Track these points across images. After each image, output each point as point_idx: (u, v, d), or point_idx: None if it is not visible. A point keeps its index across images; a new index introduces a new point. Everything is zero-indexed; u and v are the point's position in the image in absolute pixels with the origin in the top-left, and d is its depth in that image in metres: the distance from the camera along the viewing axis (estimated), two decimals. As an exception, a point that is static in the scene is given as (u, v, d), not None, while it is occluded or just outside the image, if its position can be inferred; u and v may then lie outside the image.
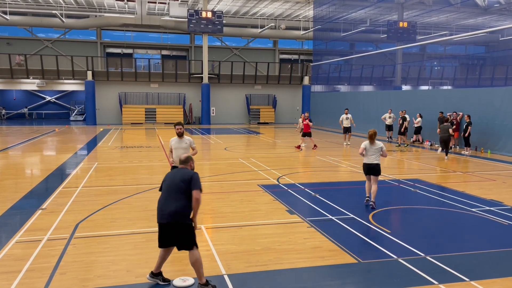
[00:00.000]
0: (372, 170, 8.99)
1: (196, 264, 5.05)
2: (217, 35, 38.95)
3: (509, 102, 17.02)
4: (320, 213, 8.50)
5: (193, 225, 5.15)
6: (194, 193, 5.05)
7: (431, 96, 22.21)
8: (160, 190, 5.36)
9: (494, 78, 34.61)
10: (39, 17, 35.06)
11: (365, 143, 9.06)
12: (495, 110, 17.53)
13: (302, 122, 19.16)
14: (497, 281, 5.43)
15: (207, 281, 5.12)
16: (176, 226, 5.03)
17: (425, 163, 15.09)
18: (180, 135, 8.23)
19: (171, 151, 8.28)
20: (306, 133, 18.84)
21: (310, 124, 18.87)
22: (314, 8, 35.07)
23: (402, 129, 19.90)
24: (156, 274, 5.27)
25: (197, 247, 5.13)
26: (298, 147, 19.11)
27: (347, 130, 20.71)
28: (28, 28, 37.28)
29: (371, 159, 8.96)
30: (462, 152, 17.95)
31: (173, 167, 7.91)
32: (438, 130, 16.54)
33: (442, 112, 19.00)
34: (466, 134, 17.46)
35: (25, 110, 41.75)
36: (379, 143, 8.98)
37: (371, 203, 8.85)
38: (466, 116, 17.91)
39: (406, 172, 13.72)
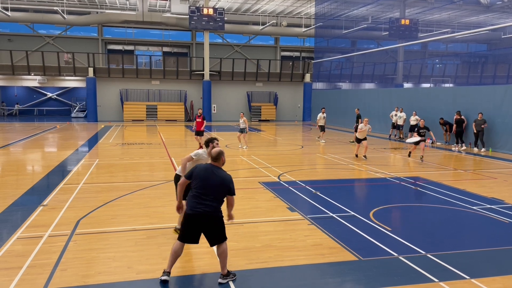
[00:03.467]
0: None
1: (224, 254, 5.27)
2: (218, 32, 38.91)
3: (510, 100, 16.99)
4: (321, 210, 8.51)
5: (227, 216, 5.40)
6: (232, 199, 5.37)
7: (433, 94, 22.17)
8: (188, 178, 5.36)
9: (495, 76, 34.53)
10: (41, 14, 35.03)
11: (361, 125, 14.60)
12: (497, 108, 17.50)
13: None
14: (497, 279, 5.43)
15: (228, 272, 5.33)
16: (210, 219, 5.15)
17: (426, 161, 15.06)
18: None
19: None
20: (198, 132, 17.10)
21: (204, 122, 17.17)
22: (315, 5, 34.99)
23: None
24: (168, 273, 5.27)
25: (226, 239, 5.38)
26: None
27: (322, 128, 21.02)
28: (29, 24, 37.28)
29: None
30: (452, 148, 18.54)
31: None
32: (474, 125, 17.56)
33: (459, 112, 18.68)
34: (455, 130, 18.42)
35: (17, 106, 41.72)
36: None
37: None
38: (456, 113, 18.43)
39: (407, 169, 13.71)
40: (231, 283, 5.21)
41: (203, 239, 5.28)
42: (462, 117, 18.47)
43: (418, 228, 7.69)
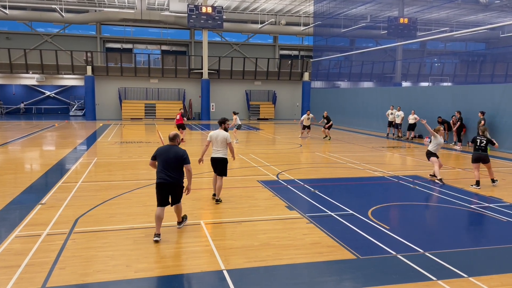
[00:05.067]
0: None
1: (178, 210, 7.06)
2: (217, 31, 38.87)
3: (508, 99, 17.02)
4: (319, 209, 8.52)
5: (185, 189, 6.91)
6: (188, 168, 6.77)
7: (431, 93, 22.21)
8: (153, 159, 6.84)
9: (494, 75, 34.58)
10: (39, 12, 34.95)
11: None
12: (495, 106, 17.54)
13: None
14: (495, 277, 5.45)
15: (182, 218, 7.23)
16: (172, 186, 6.70)
17: (424, 159, 15.08)
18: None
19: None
20: (179, 125, 19.57)
21: (184, 119, 19.88)
22: (314, 4, 34.98)
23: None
24: (158, 235, 6.60)
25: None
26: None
27: (307, 127, 22.24)
28: (27, 22, 37.19)
29: None
30: (454, 146, 18.60)
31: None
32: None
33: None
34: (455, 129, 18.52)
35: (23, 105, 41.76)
36: None
37: None
38: (456, 112, 18.31)
39: (405, 168, 13.73)
40: (229, 281, 5.22)
41: (203, 236, 5.27)
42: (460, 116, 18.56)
43: (416, 226, 7.71)
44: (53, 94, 42.91)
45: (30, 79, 35.60)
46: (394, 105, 22.84)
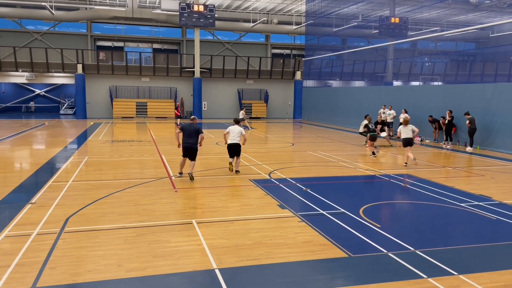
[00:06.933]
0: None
1: (192, 165, 11.05)
2: (209, 29, 38.75)
3: (498, 98, 17.20)
4: (311, 207, 8.54)
5: (199, 144, 11.12)
6: (202, 136, 11.08)
7: (422, 92, 22.36)
8: (181, 130, 11.03)
9: (484, 74, 34.93)
10: (28, 9, 34.53)
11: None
12: (485, 106, 17.70)
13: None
14: (485, 275, 5.51)
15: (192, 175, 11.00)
16: (191, 148, 10.96)
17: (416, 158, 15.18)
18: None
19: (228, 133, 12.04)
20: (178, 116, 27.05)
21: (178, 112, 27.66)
22: (306, 3, 35.02)
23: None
24: (181, 173, 11.23)
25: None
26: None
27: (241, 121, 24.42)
28: (17, 20, 36.73)
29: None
30: (442, 145, 18.75)
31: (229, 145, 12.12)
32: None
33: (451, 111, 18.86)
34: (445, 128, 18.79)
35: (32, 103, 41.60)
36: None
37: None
38: (447, 111, 18.56)
39: (396, 167, 13.82)
40: (221, 280, 5.21)
41: (195, 235, 5.24)
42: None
43: (407, 225, 7.76)
44: (43, 93, 42.49)
45: (20, 77, 35.20)
46: (386, 104, 22.96)
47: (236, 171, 11.97)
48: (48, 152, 16.03)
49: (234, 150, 11.81)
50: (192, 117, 11.44)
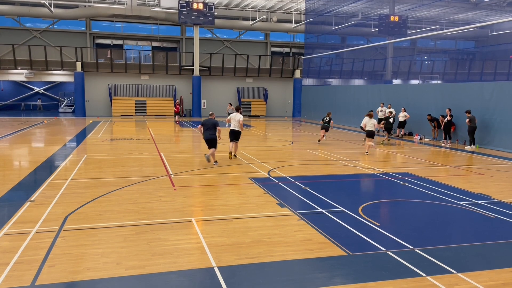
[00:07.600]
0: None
1: (213, 153, 12.68)
2: (208, 27, 38.71)
3: (498, 97, 17.20)
4: (310, 206, 8.55)
5: (218, 137, 12.70)
6: (219, 129, 12.65)
7: (421, 91, 22.36)
8: (202, 125, 12.73)
9: (483, 73, 34.93)
10: (27, 7, 34.44)
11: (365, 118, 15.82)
12: (484, 104, 17.71)
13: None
14: (484, 273, 5.52)
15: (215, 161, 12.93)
16: (212, 139, 12.55)
17: (414, 157, 15.21)
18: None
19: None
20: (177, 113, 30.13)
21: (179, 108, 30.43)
22: (305, 1, 34.98)
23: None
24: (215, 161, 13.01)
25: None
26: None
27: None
28: (15, 17, 36.65)
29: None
30: (442, 144, 18.77)
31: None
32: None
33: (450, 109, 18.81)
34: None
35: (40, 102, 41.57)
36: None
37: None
38: (447, 110, 18.55)
39: (395, 165, 13.83)
40: (220, 278, 5.22)
41: (194, 234, 5.24)
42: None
43: (406, 223, 7.77)
44: (42, 91, 42.42)
45: (19, 75, 35.13)
46: (385, 102, 22.95)
47: (234, 156, 13.89)
48: (47, 150, 16.01)
49: (234, 135, 13.77)
50: (210, 112, 13.37)
